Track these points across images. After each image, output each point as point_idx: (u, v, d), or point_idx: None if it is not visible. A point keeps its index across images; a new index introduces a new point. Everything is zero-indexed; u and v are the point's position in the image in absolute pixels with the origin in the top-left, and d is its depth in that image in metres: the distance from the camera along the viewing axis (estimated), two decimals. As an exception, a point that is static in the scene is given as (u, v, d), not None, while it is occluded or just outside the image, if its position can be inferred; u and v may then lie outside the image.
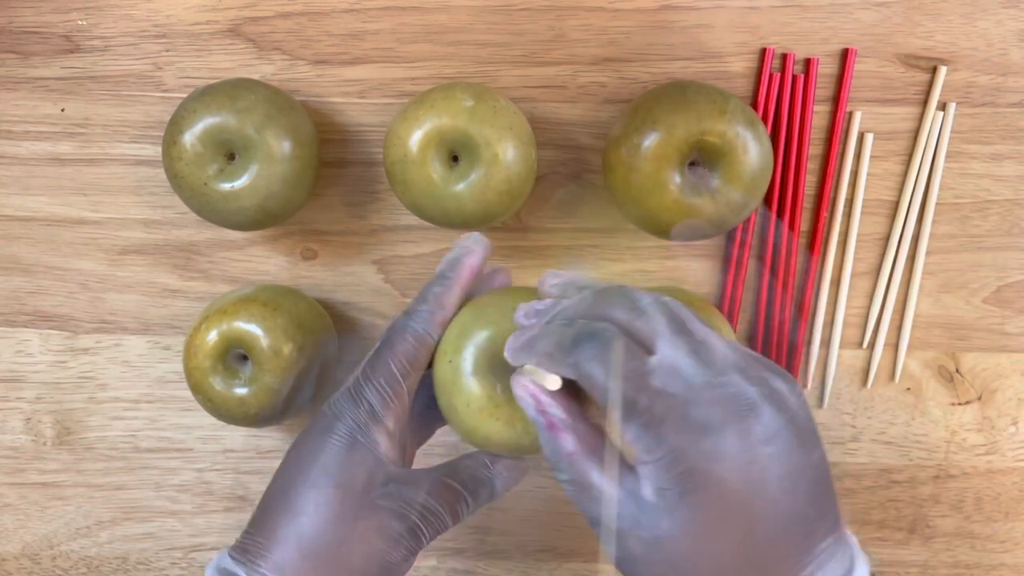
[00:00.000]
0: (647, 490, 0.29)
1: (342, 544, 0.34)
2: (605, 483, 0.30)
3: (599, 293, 0.31)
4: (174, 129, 0.39)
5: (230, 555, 0.35)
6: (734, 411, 0.28)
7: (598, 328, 0.30)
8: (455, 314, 0.36)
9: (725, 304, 0.45)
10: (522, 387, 0.31)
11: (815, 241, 0.45)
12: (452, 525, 0.35)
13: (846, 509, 0.47)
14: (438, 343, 0.36)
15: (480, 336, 0.34)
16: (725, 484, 0.28)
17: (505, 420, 0.34)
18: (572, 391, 0.31)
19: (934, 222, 0.45)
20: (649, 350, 0.30)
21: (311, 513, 0.34)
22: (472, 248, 0.37)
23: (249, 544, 0.34)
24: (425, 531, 0.35)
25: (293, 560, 0.33)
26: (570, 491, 0.31)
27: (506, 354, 0.32)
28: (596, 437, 0.31)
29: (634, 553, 0.29)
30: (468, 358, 0.34)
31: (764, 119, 0.43)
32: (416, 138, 0.39)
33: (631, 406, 0.29)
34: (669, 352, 0.29)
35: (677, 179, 0.39)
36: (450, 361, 0.34)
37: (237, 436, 0.47)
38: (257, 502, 0.36)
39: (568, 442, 0.30)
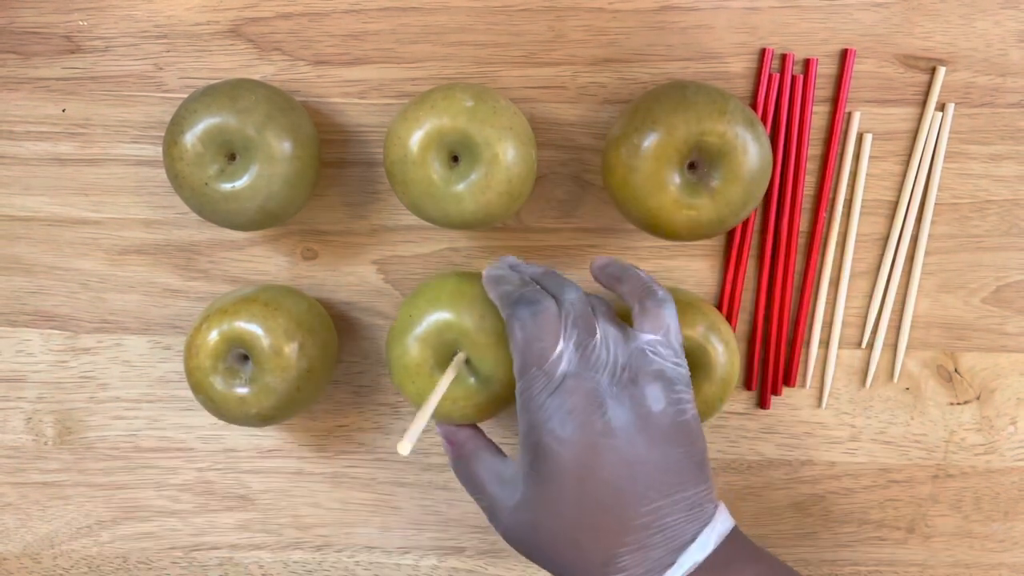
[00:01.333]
0: (507, 468, 0.37)
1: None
2: (485, 475, 0.38)
3: (556, 273, 0.39)
4: (175, 129, 0.39)
5: None
6: (586, 404, 0.35)
7: (535, 296, 0.36)
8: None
9: (724, 304, 0.45)
10: (441, 432, 0.41)
11: (814, 241, 0.45)
12: None
13: (846, 509, 0.47)
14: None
15: (437, 315, 0.39)
16: (562, 459, 0.34)
17: (421, 385, 0.39)
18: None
19: (933, 222, 0.45)
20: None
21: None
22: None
23: None
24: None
25: None
26: (466, 488, 0.39)
27: (484, 279, 0.39)
28: (470, 445, 0.39)
29: (506, 522, 0.36)
30: (420, 328, 0.39)
31: (763, 119, 0.43)
32: (416, 138, 0.39)
33: (522, 374, 0.36)
34: (572, 342, 0.35)
35: (677, 179, 0.39)
36: (410, 315, 0.39)
37: (238, 436, 0.47)
38: (260, 503, 0.38)
39: (454, 449, 0.40)
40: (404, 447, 0.34)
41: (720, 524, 0.35)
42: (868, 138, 0.44)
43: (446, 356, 0.39)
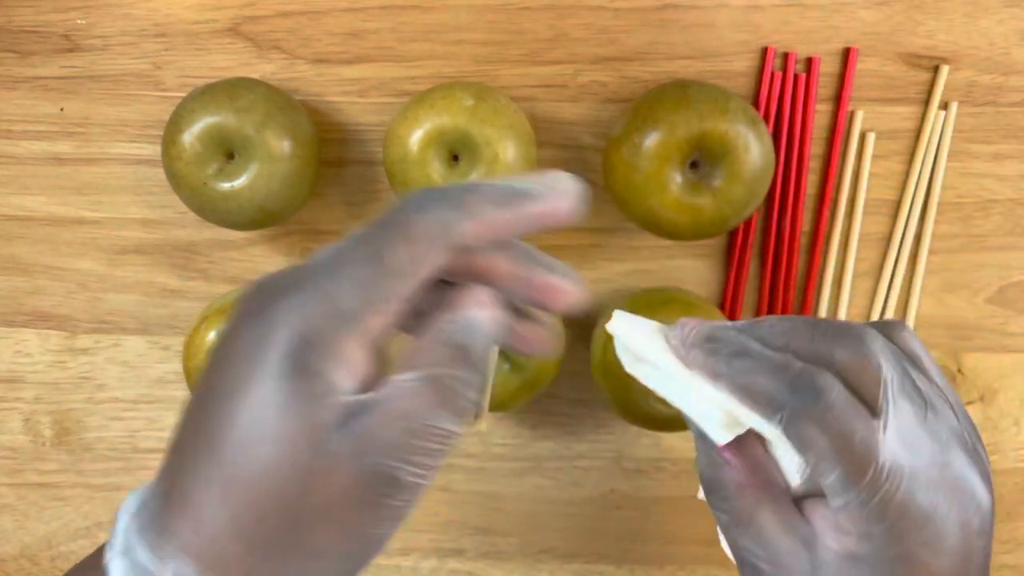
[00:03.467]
0: (830, 546, 0.26)
1: (293, 526, 0.22)
2: (776, 525, 0.26)
3: (814, 324, 0.27)
4: (173, 128, 0.39)
5: (136, 526, 0.24)
6: (958, 499, 0.25)
7: (822, 382, 0.25)
8: None
9: (726, 304, 0.45)
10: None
11: (817, 241, 0.44)
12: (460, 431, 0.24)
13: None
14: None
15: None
16: (933, 574, 0.25)
17: None
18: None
19: (936, 222, 0.45)
20: (872, 409, 0.26)
21: (244, 481, 0.22)
22: (560, 194, 0.25)
23: (161, 511, 0.23)
24: (413, 475, 0.23)
25: (220, 544, 0.22)
26: (727, 525, 0.27)
27: (681, 332, 0.27)
28: (764, 471, 0.27)
29: None
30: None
31: (766, 118, 0.43)
32: (416, 137, 0.38)
33: (855, 477, 0.25)
34: (898, 419, 0.25)
35: (678, 178, 0.38)
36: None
37: (236, 436, 0.47)
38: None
39: (736, 474, 0.27)
40: (483, 425, 0.31)
41: None
42: (871, 137, 0.44)
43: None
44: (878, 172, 0.44)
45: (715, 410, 0.26)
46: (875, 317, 0.45)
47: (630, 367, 0.27)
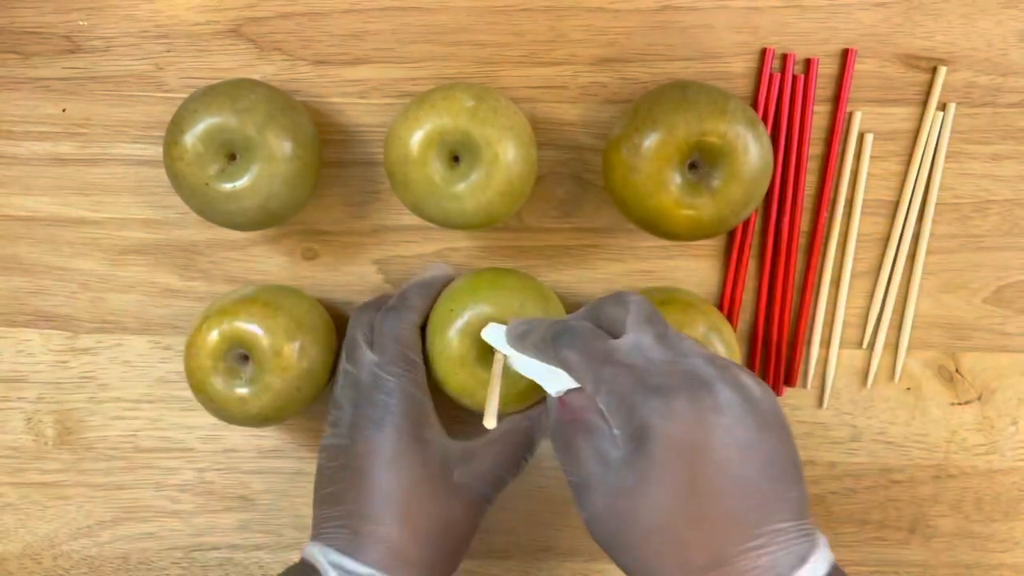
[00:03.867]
0: (615, 451, 0.32)
1: (445, 524, 0.38)
2: (586, 447, 0.34)
3: (597, 300, 0.37)
4: (175, 129, 0.39)
5: (326, 546, 0.37)
6: (688, 383, 0.31)
7: (571, 323, 0.35)
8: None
9: (725, 304, 0.45)
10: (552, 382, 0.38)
11: (815, 241, 0.45)
12: (510, 481, 0.41)
13: (847, 509, 0.47)
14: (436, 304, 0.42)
15: (478, 308, 0.40)
16: (673, 439, 0.30)
17: (464, 377, 0.41)
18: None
19: (934, 222, 0.45)
20: (616, 336, 0.34)
21: (403, 499, 0.38)
22: (444, 271, 0.44)
23: (340, 533, 0.38)
24: (495, 495, 0.40)
25: (399, 538, 0.37)
26: (557, 455, 0.36)
27: (507, 340, 0.38)
28: (585, 413, 0.35)
29: (598, 508, 0.32)
30: (462, 320, 0.40)
31: (764, 119, 0.43)
32: (417, 138, 0.39)
33: (598, 377, 0.33)
34: (634, 335, 0.33)
35: (677, 179, 0.39)
36: (451, 309, 0.40)
37: (238, 436, 0.47)
38: (260, 503, 0.38)
39: (563, 413, 0.36)
40: (490, 422, 0.37)
41: (824, 552, 0.31)
42: (869, 138, 0.44)
43: (488, 346, 0.40)
44: (876, 173, 0.45)
45: (544, 376, 0.37)
46: (873, 317, 0.45)
47: (500, 360, 0.39)
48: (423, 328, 0.42)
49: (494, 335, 0.39)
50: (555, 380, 0.37)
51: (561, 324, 0.35)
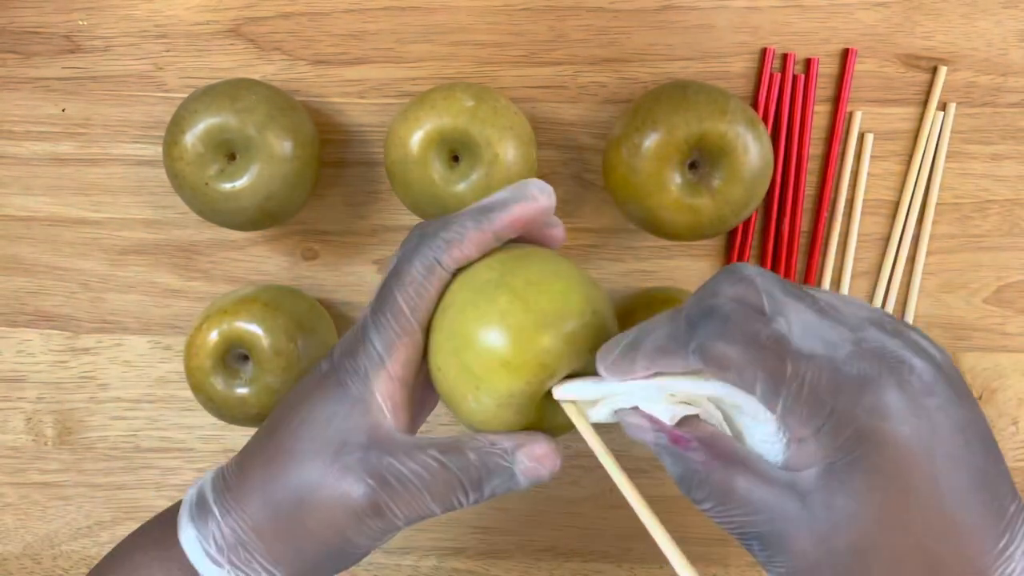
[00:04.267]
0: (808, 476, 0.25)
1: (303, 506, 0.30)
2: (755, 484, 0.25)
3: (697, 290, 0.28)
4: (175, 129, 0.39)
5: (212, 484, 0.32)
6: (885, 365, 0.25)
7: (713, 303, 0.26)
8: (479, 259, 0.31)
9: (725, 304, 0.45)
10: (632, 416, 0.28)
11: (815, 241, 0.45)
12: (440, 512, 0.30)
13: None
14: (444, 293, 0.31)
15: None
16: (898, 441, 0.24)
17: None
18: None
19: (934, 222, 0.45)
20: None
21: (281, 464, 0.30)
22: (535, 196, 0.30)
23: (231, 480, 0.32)
24: (397, 512, 0.29)
25: (258, 511, 0.30)
26: (713, 510, 0.26)
27: (600, 368, 0.28)
28: (725, 443, 0.27)
29: (809, 554, 0.25)
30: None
31: (764, 119, 0.43)
32: (417, 138, 0.39)
33: (778, 376, 0.25)
34: (795, 314, 0.26)
35: (677, 179, 0.39)
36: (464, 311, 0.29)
37: (238, 436, 0.47)
38: None
39: (699, 454, 0.27)
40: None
41: None
42: (869, 138, 0.44)
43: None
44: (876, 173, 0.44)
45: (661, 405, 0.28)
46: (874, 317, 0.45)
47: (585, 421, 0.29)
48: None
49: (576, 389, 0.29)
50: (660, 409, 0.28)
51: (697, 307, 0.26)
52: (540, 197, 0.30)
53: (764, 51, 0.43)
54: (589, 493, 0.47)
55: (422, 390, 0.33)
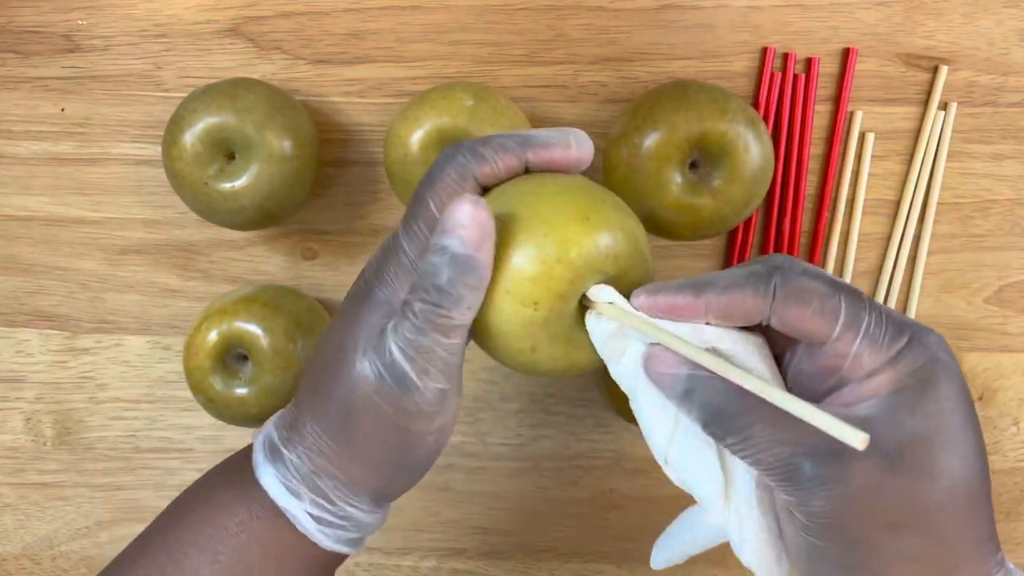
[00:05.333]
0: (865, 406, 0.26)
1: (352, 413, 0.29)
2: (812, 411, 0.24)
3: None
4: (174, 129, 0.39)
5: (276, 422, 0.32)
6: (906, 323, 0.26)
7: (783, 258, 0.27)
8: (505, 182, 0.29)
9: (726, 304, 0.45)
10: (658, 360, 0.27)
11: (816, 241, 0.44)
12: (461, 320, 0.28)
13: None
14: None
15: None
16: (960, 377, 0.26)
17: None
18: None
19: (935, 222, 0.45)
20: None
21: (323, 383, 0.30)
22: (574, 146, 0.30)
23: (289, 416, 0.31)
24: (426, 378, 0.28)
25: (318, 435, 0.30)
26: (757, 437, 0.25)
27: (648, 300, 0.27)
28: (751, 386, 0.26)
29: (868, 473, 0.25)
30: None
31: (765, 119, 0.43)
32: (417, 138, 0.39)
33: (859, 304, 0.26)
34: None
35: (678, 179, 0.38)
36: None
37: (237, 436, 0.47)
38: None
39: (738, 388, 0.26)
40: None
41: None
42: (870, 137, 0.44)
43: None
44: (877, 172, 0.44)
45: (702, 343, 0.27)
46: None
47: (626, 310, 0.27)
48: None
49: (615, 301, 0.27)
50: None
51: (769, 259, 0.27)
52: (578, 150, 0.30)
53: (765, 50, 0.43)
54: (589, 494, 0.47)
55: None
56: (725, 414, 0.26)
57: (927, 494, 0.25)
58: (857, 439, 0.22)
